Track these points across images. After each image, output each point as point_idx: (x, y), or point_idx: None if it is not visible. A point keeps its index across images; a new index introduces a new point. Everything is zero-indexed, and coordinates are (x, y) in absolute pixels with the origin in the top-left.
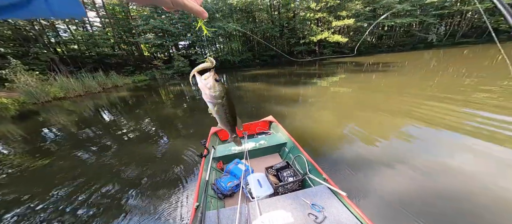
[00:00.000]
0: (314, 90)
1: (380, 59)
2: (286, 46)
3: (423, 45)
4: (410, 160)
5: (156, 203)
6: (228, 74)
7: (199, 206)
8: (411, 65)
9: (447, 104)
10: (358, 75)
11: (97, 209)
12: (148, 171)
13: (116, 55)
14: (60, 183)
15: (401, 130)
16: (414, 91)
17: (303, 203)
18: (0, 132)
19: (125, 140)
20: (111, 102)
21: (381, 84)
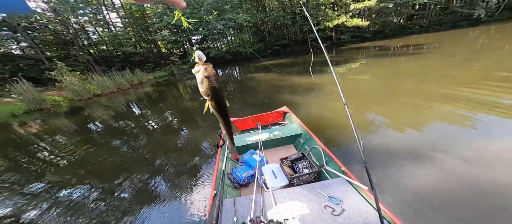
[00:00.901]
0: (331, 78)
1: (411, 41)
2: (299, 34)
3: (466, 23)
4: (449, 152)
5: (178, 190)
6: (240, 66)
7: (217, 194)
8: (451, 45)
9: (498, 87)
10: (382, 60)
11: (129, 192)
12: (171, 160)
13: (138, 53)
14: (102, 168)
15: (436, 119)
16: (454, 73)
17: (320, 195)
18: (58, 125)
19: (151, 131)
20: (138, 97)
21: (412, 68)
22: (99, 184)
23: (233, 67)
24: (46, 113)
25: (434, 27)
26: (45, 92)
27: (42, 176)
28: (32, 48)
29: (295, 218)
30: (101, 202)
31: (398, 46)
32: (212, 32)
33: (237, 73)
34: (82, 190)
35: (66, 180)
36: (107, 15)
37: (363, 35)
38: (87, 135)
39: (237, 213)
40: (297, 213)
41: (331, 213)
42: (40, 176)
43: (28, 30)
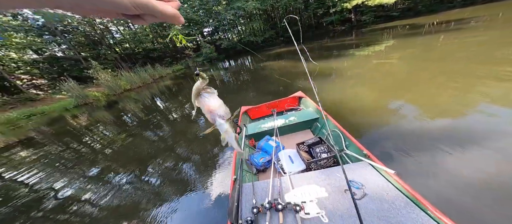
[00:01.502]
0: (352, 63)
1: (451, 16)
2: (313, 18)
3: None
4: (491, 141)
5: (201, 174)
6: (252, 55)
7: (237, 178)
8: (507, 18)
9: None
10: (413, 40)
11: (158, 177)
12: (192, 147)
13: (156, 49)
14: (136, 154)
15: (478, 105)
16: (503, 55)
17: (339, 179)
18: (99, 118)
19: (173, 122)
20: (161, 90)
21: (451, 48)
22: (134, 168)
23: (245, 57)
24: (90, 107)
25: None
26: (87, 89)
27: (92, 160)
28: (70, 50)
29: (312, 201)
30: (135, 183)
31: (435, 23)
32: (222, 23)
33: (250, 63)
34: (121, 175)
35: (108, 165)
36: None
37: (389, 14)
38: (122, 126)
39: (256, 196)
40: (315, 197)
41: (352, 197)
42: (90, 160)
43: (65, 33)
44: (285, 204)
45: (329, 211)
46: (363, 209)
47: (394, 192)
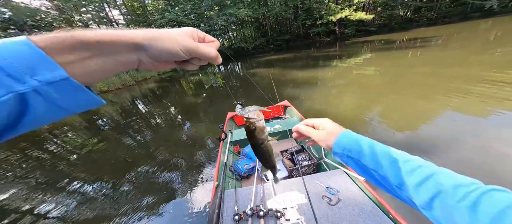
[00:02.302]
0: (335, 73)
1: (418, 34)
2: (301, 28)
3: (478, 14)
4: (446, 151)
5: (182, 181)
6: (243, 61)
7: (219, 185)
8: (460, 38)
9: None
10: (388, 54)
11: (135, 186)
12: (175, 153)
13: None
14: (109, 163)
15: (439, 117)
16: (461, 69)
17: (318, 185)
18: (67, 121)
19: (156, 126)
20: (143, 93)
21: (418, 63)
22: (105, 176)
23: (236, 63)
24: None
25: (443, 19)
26: None
27: (53, 168)
28: None
29: (293, 208)
30: (106, 193)
31: (404, 40)
32: (213, 28)
33: (239, 69)
34: (92, 185)
35: (76, 176)
36: (109, 13)
37: (368, 29)
38: (95, 131)
39: (238, 203)
40: (296, 203)
41: (328, 203)
42: (55, 170)
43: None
44: (267, 211)
45: (308, 217)
46: (338, 214)
47: (363, 198)
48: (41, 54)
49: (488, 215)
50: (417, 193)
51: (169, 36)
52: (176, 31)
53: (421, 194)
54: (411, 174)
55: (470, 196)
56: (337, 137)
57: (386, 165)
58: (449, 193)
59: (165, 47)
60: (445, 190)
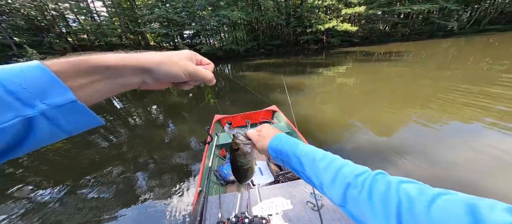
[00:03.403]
0: (320, 81)
1: (393, 48)
2: (292, 35)
3: (442, 34)
4: (417, 153)
5: (162, 187)
6: (233, 63)
7: (202, 191)
8: (427, 54)
9: (460, 96)
10: (367, 65)
11: (107, 193)
12: (155, 156)
13: (124, 45)
14: (78, 166)
15: (409, 123)
16: (427, 81)
17: (303, 191)
18: None
19: (134, 126)
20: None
21: (392, 74)
22: (72, 183)
23: (225, 64)
24: None
25: (414, 36)
26: None
27: (11, 176)
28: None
29: (278, 214)
30: (74, 199)
31: (382, 53)
32: (205, 28)
33: (229, 71)
34: (54, 191)
35: (39, 181)
36: (91, 4)
37: (352, 40)
38: None
39: (222, 209)
40: (281, 209)
41: (312, 208)
42: (6, 175)
43: None
44: (252, 218)
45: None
46: (321, 218)
47: None
48: (53, 78)
49: (379, 201)
50: (332, 190)
51: (172, 60)
52: (177, 55)
53: (335, 190)
54: (325, 172)
55: (365, 185)
56: (270, 140)
57: (308, 166)
58: (352, 184)
59: (169, 70)
60: (350, 183)
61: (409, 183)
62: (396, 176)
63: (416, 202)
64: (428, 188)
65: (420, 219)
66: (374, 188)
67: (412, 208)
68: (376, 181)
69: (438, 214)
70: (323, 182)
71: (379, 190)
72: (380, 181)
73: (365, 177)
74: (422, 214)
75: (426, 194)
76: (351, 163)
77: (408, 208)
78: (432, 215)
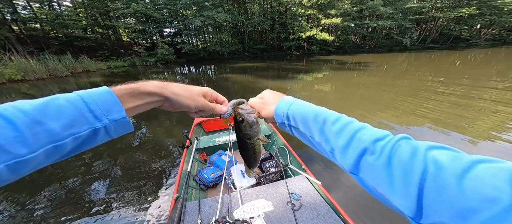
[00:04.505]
0: (301, 86)
1: (362, 59)
2: (276, 40)
3: (398, 48)
4: None
5: (132, 196)
6: (216, 65)
7: (179, 197)
8: (386, 66)
9: (410, 104)
10: (341, 73)
11: (63, 206)
12: (123, 163)
13: (89, 39)
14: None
15: (373, 125)
16: (386, 89)
17: (283, 192)
18: None
19: None
20: (81, 87)
21: (361, 83)
22: (25, 197)
23: (208, 66)
24: None
25: (378, 48)
26: None
27: None
28: None
29: (260, 216)
30: (14, 215)
31: (353, 62)
32: (188, 27)
33: (212, 72)
34: None
35: None
36: None
37: (329, 49)
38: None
39: (202, 215)
40: (263, 211)
41: (292, 209)
42: None
43: None
44: (234, 222)
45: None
46: (299, 218)
47: (320, 201)
48: (116, 101)
49: (400, 169)
50: (344, 157)
51: (189, 94)
52: (195, 91)
53: (348, 157)
54: (338, 136)
55: (384, 151)
56: (275, 106)
57: (317, 129)
58: (369, 150)
59: (183, 102)
60: (366, 148)
61: (442, 149)
62: (425, 141)
63: (446, 170)
64: (466, 155)
65: (447, 191)
66: (395, 153)
67: (440, 177)
68: (399, 147)
69: (471, 185)
70: (335, 148)
71: (401, 156)
72: (403, 146)
73: (386, 142)
74: (451, 185)
75: (461, 161)
76: (370, 127)
77: (434, 178)
78: (464, 187)
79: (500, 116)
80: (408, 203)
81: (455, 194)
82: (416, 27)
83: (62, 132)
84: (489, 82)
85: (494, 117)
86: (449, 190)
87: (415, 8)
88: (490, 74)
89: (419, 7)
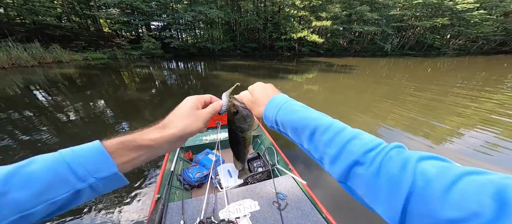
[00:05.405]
0: (291, 86)
1: (348, 62)
2: (268, 40)
3: (380, 53)
4: None
5: (109, 198)
6: (207, 62)
7: (161, 197)
8: (369, 70)
9: (390, 105)
10: (329, 75)
11: None
12: None
13: (64, 28)
14: None
15: (356, 126)
16: (368, 92)
17: (270, 192)
18: None
19: (67, 123)
20: (51, 79)
21: (347, 85)
22: None
23: (198, 62)
24: None
25: (363, 53)
26: None
27: None
28: None
29: (246, 216)
30: None
31: (340, 65)
32: (178, 22)
33: (202, 69)
34: None
35: None
36: None
37: (318, 51)
38: None
39: (185, 216)
40: (249, 211)
41: (277, 208)
42: None
43: None
44: (219, 222)
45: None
46: (285, 218)
47: (305, 200)
48: (107, 157)
49: (387, 182)
50: (334, 167)
51: (195, 117)
52: (191, 113)
53: (337, 167)
54: (328, 146)
55: (375, 162)
56: (264, 108)
57: (306, 138)
58: (359, 162)
59: (195, 129)
60: (356, 161)
61: (432, 159)
62: (418, 151)
63: (433, 183)
64: (456, 167)
65: (432, 204)
66: (385, 166)
67: (426, 191)
68: (389, 159)
69: (455, 199)
70: (324, 157)
71: (390, 169)
72: (394, 158)
73: (377, 152)
74: (436, 198)
75: (449, 174)
76: (364, 135)
77: (421, 191)
78: (448, 200)
79: (461, 118)
80: (392, 215)
81: (439, 207)
82: (396, 34)
83: (31, 200)
84: (453, 88)
85: (456, 119)
86: (434, 204)
87: (398, 15)
88: (455, 81)
89: (401, 15)
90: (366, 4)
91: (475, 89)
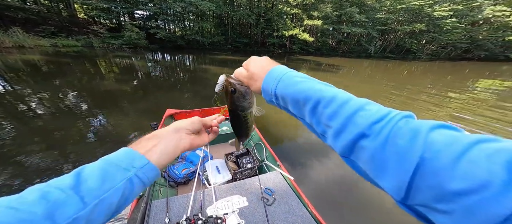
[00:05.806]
0: None
1: (335, 62)
2: (260, 36)
3: (364, 55)
4: None
5: None
6: (196, 55)
7: (143, 195)
8: (354, 71)
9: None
10: (317, 73)
11: None
12: (77, 159)
13: (28, 10)
14: None
15: None
16: (354, 90)
17: (258, 187)
18: None
19: (30, 116)
20: (10, 66)
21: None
22: None
23: (186, 55)
24: None
25: (349, 53)
26: None
27: None
28: None
29: (234, 212)
30: None
31: (328, 64)
32: (165, 12)
33: (190, 62)
34: None
35: None
36: None
37: (308, 49)
38: None
39: (171, 213)
40: (237, 207)
41: (265, 204)
42: None
43: None
44: (206, 219)
45: (249, 220)
46: (272, 213)
47: (292, 195)
48: (136, 153)
49: (394, 155)
50: (337, 141)
51: (199, 136)
52: (193, 139)
53: (340, 141)
54: (332, 119)
55: (382, 133)
56: (262, 82)
57: (309, 111)
58: (365, 135)
59: (201, 144)
60: (362, 133)
61: (442, 128)
62: (429, 120)
63: (442, 155)
64: (466, 136)
65: (440, 178)
66: (393, 137)
67: (434, 163)
68: (398, 130)
69: (464, 169)
70: (327, 131)
71: (399, 140)
72: (403, 129)
73: (385, 123)
74: (444, 171)
75: (459, 144)
76: (371, 105)
77: (429, 164)
78: (457, 171)
79: (431, 113)
80: (397, 188)
81: (447, 178)
82: (380, 37)
83: (101, 186)
84: (425, 88)
85: (427, 114)
86: (442, 176)
87: (383, 19)
88: (425, 83)
89: (386, 19)
90: (355, 6)
91: (443, 90)
